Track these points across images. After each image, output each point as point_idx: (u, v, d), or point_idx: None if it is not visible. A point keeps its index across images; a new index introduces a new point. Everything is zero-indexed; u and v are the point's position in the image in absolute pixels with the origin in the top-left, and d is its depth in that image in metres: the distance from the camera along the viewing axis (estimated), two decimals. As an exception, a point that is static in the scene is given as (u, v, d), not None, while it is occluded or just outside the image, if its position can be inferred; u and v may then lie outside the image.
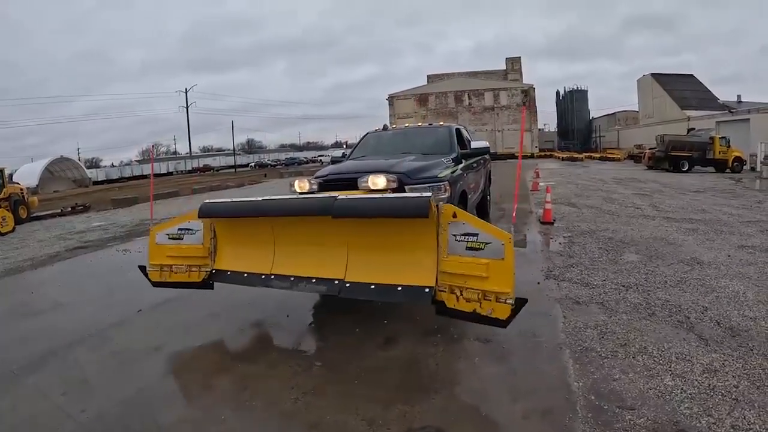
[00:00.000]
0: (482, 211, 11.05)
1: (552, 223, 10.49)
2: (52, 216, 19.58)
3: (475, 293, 3.91)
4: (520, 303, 3.77)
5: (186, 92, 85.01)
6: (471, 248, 3.93)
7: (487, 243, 3.86)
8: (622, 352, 4.14)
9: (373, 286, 4.28)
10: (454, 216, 4.01)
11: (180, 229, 5.37)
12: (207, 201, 5.15)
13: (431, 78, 72.24)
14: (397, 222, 4.17)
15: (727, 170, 29.84)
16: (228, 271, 5.13)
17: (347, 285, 4.39)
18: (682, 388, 3.53)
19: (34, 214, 19.03)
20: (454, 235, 4.00)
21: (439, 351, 4.39)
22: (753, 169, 29.21)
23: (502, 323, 3.79)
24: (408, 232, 4.22)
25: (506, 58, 74.66)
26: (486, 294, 3.85)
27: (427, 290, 4.09)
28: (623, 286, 5.91)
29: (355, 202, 4.28)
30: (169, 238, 5.43)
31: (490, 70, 73.43)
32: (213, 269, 5.23)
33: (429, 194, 4.07)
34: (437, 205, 4.06)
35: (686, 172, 29.83)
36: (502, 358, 4.18)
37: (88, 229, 14.48)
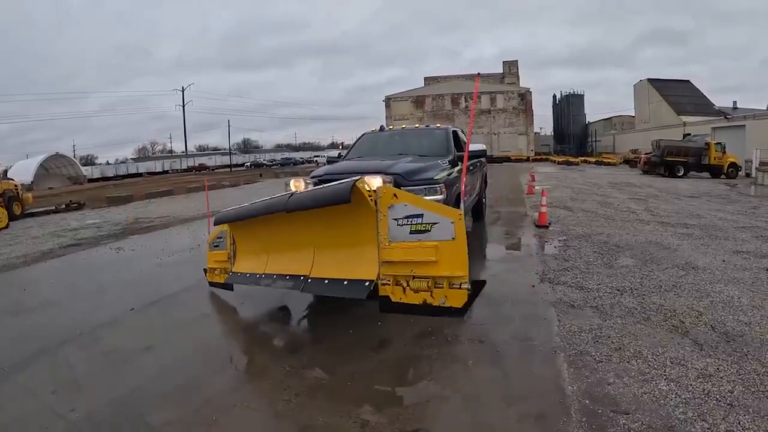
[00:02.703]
0: (478, 213, 11.07)
1: (547, 227, 10.44)
2: (46, 213, 19.51)
3: (424, 282, 3.72)
4: (477, 286, 3.64)
5: (183, 90, 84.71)
6: (416, 231, 3.70)
7: (433, 223, 3.64)
8: (617, 357, 4.12)
9: (326, 281, 4.29)
10: (395, 197, 3.80)
11: (217, 238, 6.15)
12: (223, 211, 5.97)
13: (428, 80, 72.19)
14: (346, 214, 4.07)
15: (723, 176, 30.03)
16: (238, 272, 5.67)
17: (309, 281, 4.49)
18: (676, 393, 3.51)
19: (28, 211, 18.95)
20: (396, 220, 3.76)
21: (433, 353, 4.34)
22: (748, 175, 29.35)
23: (459, 312, 3.64)
24: (353, 224, 4.14)
25: (503, 62, 74.89)
26: (437, 281, 3.67)
27: (366, 284, 3.92)
28: (618, 290, 5.90)
29: (299, 196, 4.48)
30: (212, 246, 6.29)
31: (487, 73, 73.51)
32: (231, 271, 5.82)
33: (356, 178, 3.84)
34: (373, 190, 3.87)
35: (681, 177, 29.95)
36: (497, 361, 4.15)
37: (82, 227, 14.41)
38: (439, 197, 6.04)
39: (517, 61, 74.40)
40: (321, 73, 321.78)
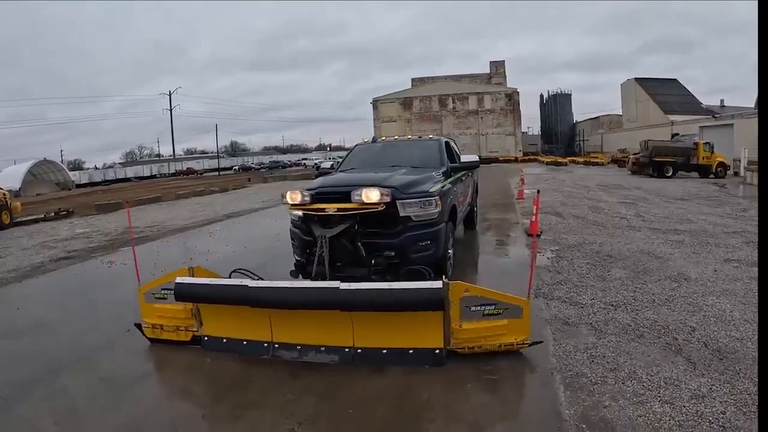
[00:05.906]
0: (470, 222, 11.11)
1: (539, 236, 10.44)
2: (35, 221, 19.30)
3: (494, 344, 4.55)
4: (535, 343, 4.57)
5: (170, 95, 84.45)
6: (489, 314, 4.47)
7: (505, 309, 4.47)
8: (612, 378, 4.17)
9: (385, 351, 4.59)
10: (466, 291, 4.48)
11: (163, 289, 5.30)
12: (180, 280, 5.02)
13: (415, 81, 72.23)
14: None
15: (711, 175, 30.29)
16: (223, 338, 5.13)
17: (359, 352, 4.64)
18: (670, 415, 3.57)
19: (17, 220, 18.73)
20: (468, 307, 4.47)
21: (432, 379, 4.36)
22: (737, 174, 29.64)
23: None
24: None
25: (490, 62, 75.12)
26: (506, 343, 4.54)
27: (436, 351, 4.53)
28: (612, 305, 5.96)
29: (365, 294, 4.42)
30: (155, 298, 5.39)
31: (474, 73, 73.69)
32: (205, 336, 5.20)
33: (440, 285, 4.33)
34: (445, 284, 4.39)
35: (670, 177, 30.17)
36: (495, 385, 4.18)
37: (72, 237, 14.27)
38: (434, 210, 6.14)
39: (504, 61, 74.89)
40: (341, 75, 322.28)
